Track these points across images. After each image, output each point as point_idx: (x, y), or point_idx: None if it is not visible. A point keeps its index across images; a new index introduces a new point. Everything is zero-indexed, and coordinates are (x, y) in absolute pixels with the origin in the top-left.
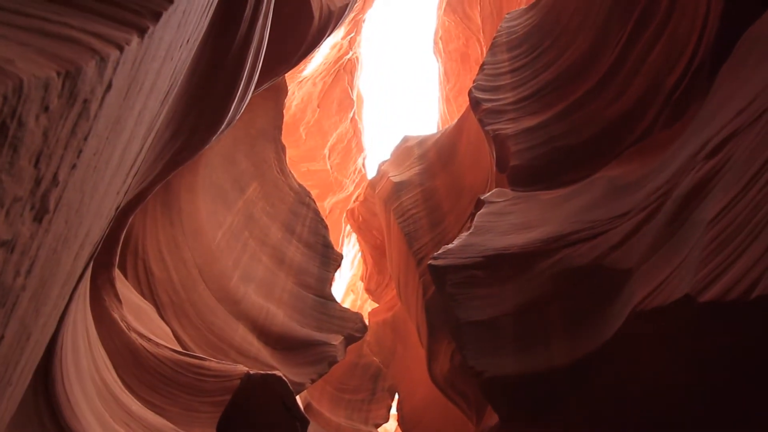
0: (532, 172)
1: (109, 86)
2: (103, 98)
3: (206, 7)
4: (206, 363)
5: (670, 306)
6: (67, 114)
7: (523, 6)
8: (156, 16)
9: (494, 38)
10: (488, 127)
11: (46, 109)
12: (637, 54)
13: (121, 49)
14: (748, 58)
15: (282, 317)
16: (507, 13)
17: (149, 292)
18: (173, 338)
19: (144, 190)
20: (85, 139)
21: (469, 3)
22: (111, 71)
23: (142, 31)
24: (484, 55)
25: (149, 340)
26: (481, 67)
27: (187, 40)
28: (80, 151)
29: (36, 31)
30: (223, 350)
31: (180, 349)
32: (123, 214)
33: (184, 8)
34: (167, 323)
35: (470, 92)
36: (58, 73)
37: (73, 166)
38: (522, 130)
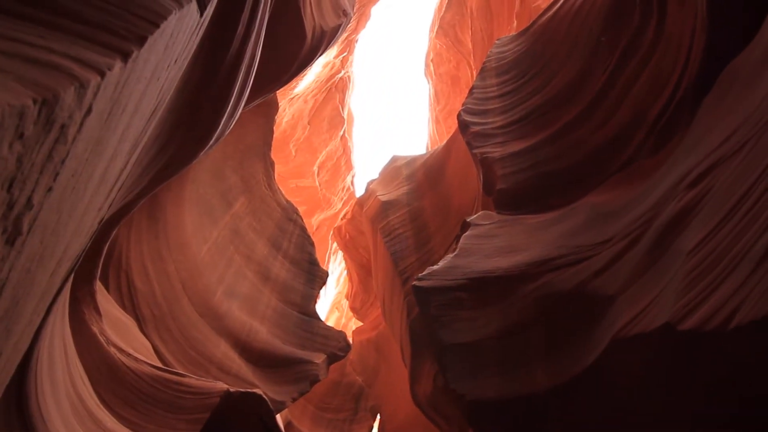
0: (518, 195)
1: (89, 110)
2: (82, 122)
3: (196, 27)
4: (185, 379)
5: (650, 333)
6: (43, 140)
7: (513, 33)
8: (141, 41)
9: (484, 63)
10: (476, 150)
11: (21, 136)
12: (622, 83)
13: (102, 74)
14: (729, 91)
15: (265, 334)
16: (497, 39)
17: (131, 306)
18: (153, 353)
19: (129, 202)
20: (63, 162)
21: (461, 27)
22: (91, 96)
23: (125, 56)
24: (474, 78)
25: (128, 354)
26: (471, 91)
27: (175, 60)
28: (57, 174)
29: (17, 57)
30: (204, 366)
31: (159, 365)
32: (106, 227)
33: (172, 31)
34: (148, 337)
35: (459, 115)
36: (35, 101)
37: (49, 189)
38: (509, 154)
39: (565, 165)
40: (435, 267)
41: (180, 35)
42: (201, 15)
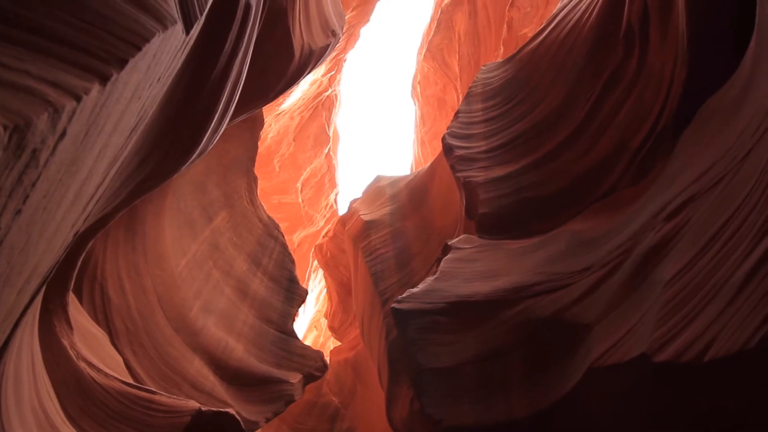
0: (500, 220)
1: (63, 134)
2: (55, 146)
3: (182, 46)
4: (156, 397)
5: (626, 364)
6: (12, 165)
7: (500, 59)
8: (122, 63)
9: (470, 88)
10: (459, 174)
11: None
12: (605, 113)
13: (78, 99)
14: (707, 126)
15: (241, 352)
16: (484, 65)
17: (104, 319)
18: (125, 368)
19: (107, 215)
20: (33, 185)
21: (449, 51)
22: (66, 121)
23: (104, 79)
24: (460, 102)
25: (98, 370)
26: (456, 115)
27: (158, 79)
28: (27, 197)
29: None
30: (177, 383)
31: (130, 381)
32: (82, 239)
33: (155, 52)
34: (120, 352)
35: (444, 138)
36: (5, 127)
37: (18, 212)
38: (492, 179)
39: (547, 192)
40: (414, 289)
41: (164, 55)
42: (187, 34)
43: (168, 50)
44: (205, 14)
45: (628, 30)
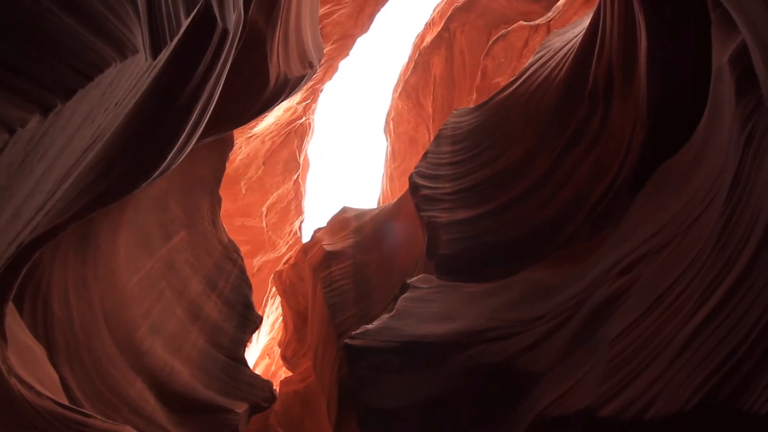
0: (459, 263)
1: None
2: None
3: (147, 70)
4: (91, 420)
5: (571, 417)
6: None
7: (472, 105)
8: (69, 93)
9: (440, 130)
10: (423, 213)
11: None
12: (568, 166)
13: (12, 131)
14: (661, 188)
15: (187, 376)
16: (456, 109)
17: (44, 333)
18: (60, 387)
19: (58, 226)
20: None
21: (423, 92)
22: None
23: (47, 109)
24: (431, 142)
25: (30, 387)
26: (425, 155)
27: (116, 103)
28: None
29: None
30: (115, 406)
31: (64, 401)
32: (28, 250)
33: (111, 80)
34: (58, 369)
35: (411, 177)
36: None
37: None
38: (454, 221)
39: (507, 238)
40: (369, 326)
41: (122, 82)
42: (154, 59)
43: (128, 77)
44: (176, 39)
45: (593, 88)
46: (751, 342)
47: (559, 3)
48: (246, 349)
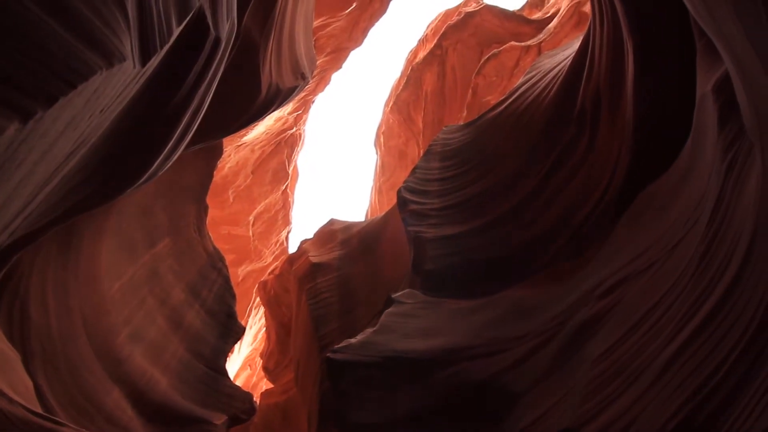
0: (445, 279)
1: None
2: None
3: (135, 77)
4: (63, 429)
5: None
6: None
7: (462, 122)
8: (50, 101)
9: (430, 146)
10: (411, 228)
11: None
12: (553, 187)
13: None
14: (644, 212)
15: (165, 386)
16: (446, 125)
17: (20, 337)
18: (34, 394)
19: (38, 229)
20: None
21: (415, 107)
22: None
23: (26, 117)
24: (420, 157)
25: (2, 393)
26: (414, 170)
27: (102, 110)
28: None
29: None
30: (90, 415)
31: (37, 409)
32: (5, 254)
33: (96, 87)
34: (32, 375)
35: (399, 191)
36: None
37: None
38: (441, 237)
39: (492, 256)
40: (352, 340)
41: (109, 89)
42: (143, 66)
43: (115, 84)
44: (167, 47)
45: (581, 111)
46: (729, 365)
47: (551, 25)
48: (227, 359)
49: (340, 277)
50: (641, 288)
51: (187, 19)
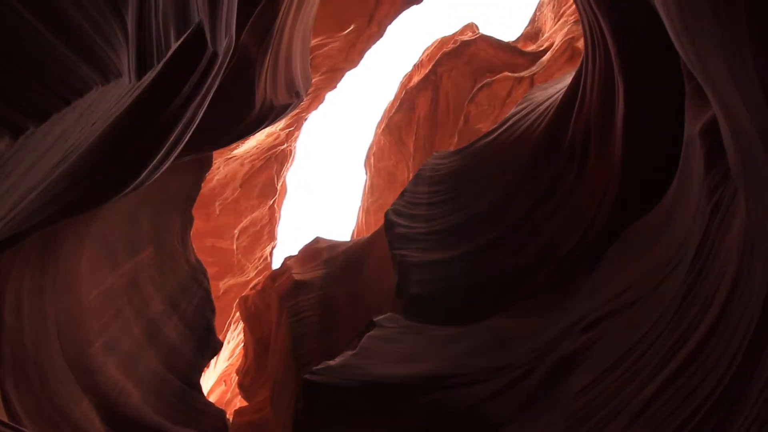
0: (428, 304)
1: None
2: None
3: (129, 91)
4: None
5: None
6: None
7: (452, 148)
8: (43, 117)
9: (419, 170)
10: (396, 251)
11: None
12: (541, 217)
13: None
14: (629, 248)
15: (137, 399)
16: (436, 151)
17: None
18: (1, 402)
19: (21, 233)
20: None
21: (406, 131)
22: None
23: (17, 132)
24: (409, 180)
25: None
26: (402, 193)
27: (93, 123)
28: None
29: None
30: (58, 425)
31: (3, 417)
32: None
33: (91, 102)
34: (1, 382)
35: (387, 213)
36: None
37: None
38: (427, 262)
39: (477, 284)
40: (331, 362)
41: (103, 103)
42: (138, 80)
43: (109, 98)
44: (163, 61)
45: (571, 144)
46: (706, 410)
47: (544, 58)
48: (202, 375)
49: (323, 296)
50: (623, 324)
51: (186, 33)
